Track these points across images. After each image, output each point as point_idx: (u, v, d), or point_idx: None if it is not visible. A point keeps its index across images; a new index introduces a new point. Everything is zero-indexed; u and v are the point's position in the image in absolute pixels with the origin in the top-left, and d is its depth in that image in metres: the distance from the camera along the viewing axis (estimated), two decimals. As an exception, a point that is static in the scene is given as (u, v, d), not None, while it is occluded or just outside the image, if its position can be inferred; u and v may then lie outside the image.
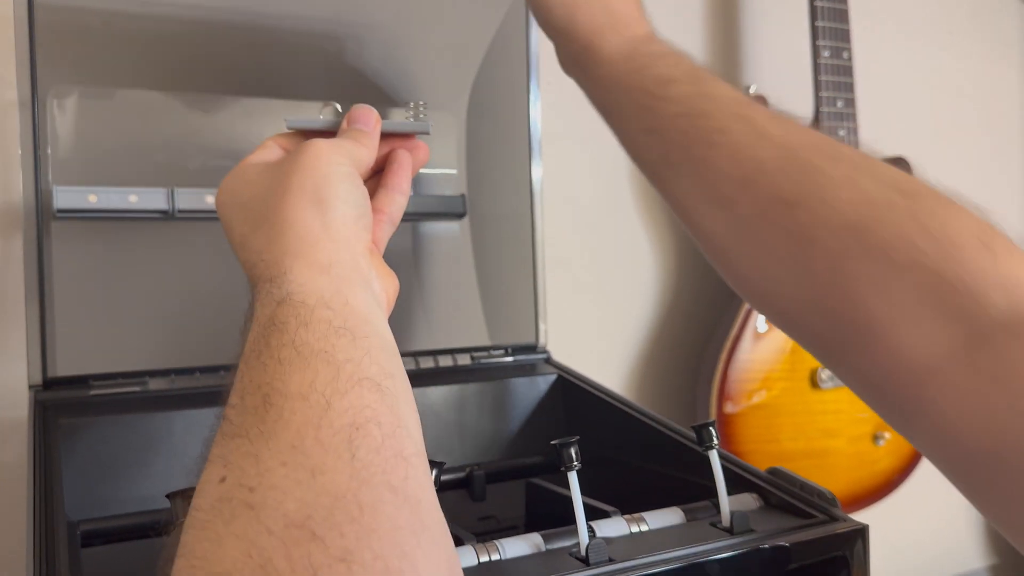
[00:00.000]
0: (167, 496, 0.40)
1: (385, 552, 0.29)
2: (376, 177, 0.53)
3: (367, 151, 0.49)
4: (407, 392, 0.37)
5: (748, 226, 0.48)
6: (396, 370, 0.38)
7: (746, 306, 1.18)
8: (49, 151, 0.69)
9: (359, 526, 0.29)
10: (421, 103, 0.54)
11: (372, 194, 0.51)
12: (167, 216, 0.71)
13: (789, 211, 0.45)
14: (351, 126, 0.50)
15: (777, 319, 0.49)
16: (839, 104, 1.18)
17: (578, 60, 0.59)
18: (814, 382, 1.22)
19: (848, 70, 1.19)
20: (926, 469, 1.33)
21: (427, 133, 0.54)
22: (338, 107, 0.55)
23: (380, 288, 0.45)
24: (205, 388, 0.70)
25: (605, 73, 0.56)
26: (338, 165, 0.45)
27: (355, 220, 0.44)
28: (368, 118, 0.50)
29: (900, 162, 1.28)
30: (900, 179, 0.44)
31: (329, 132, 0.51)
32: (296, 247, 0.41)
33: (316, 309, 0.37)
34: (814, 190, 0.45)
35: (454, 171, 0.82)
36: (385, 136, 0.52)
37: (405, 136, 0.54)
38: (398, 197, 0.51)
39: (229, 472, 0.31)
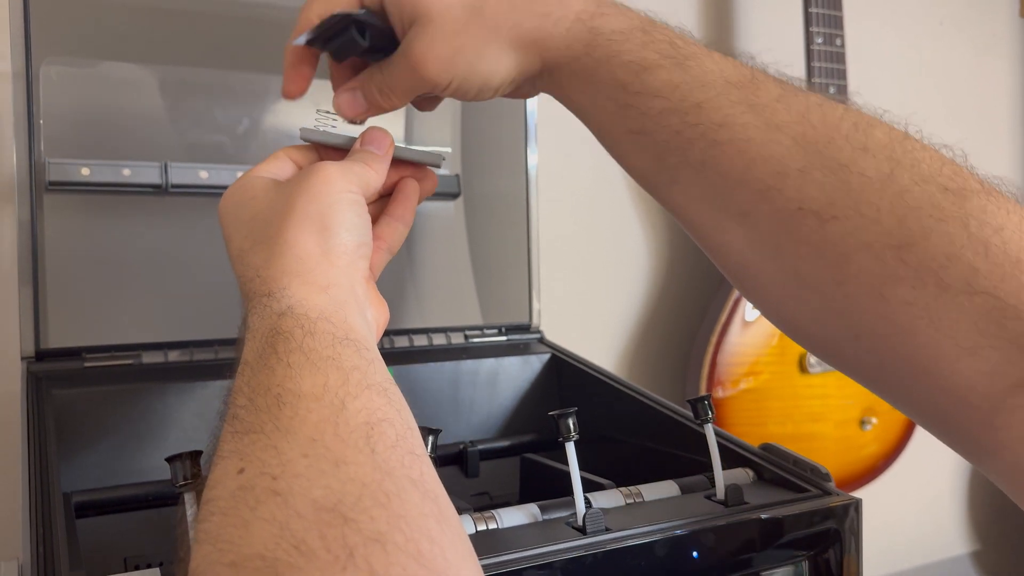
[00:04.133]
0: (167, 460, 0.40)
1: (415, 536, 0.29)
2: (381, 202, 0.52)
3: (376, 175, 0.48)
4: (406, 403, 0.38)
5: (769, 242, 0.41)
6: (394, 384, 0.38)
7: (736, 292, 1.19)
8: (42, 123, 0.68)
9: (388, 512, 0.29)
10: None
11: (375, 220, 0.51)
12: (160, 190, 0.71)
13: (819, 225, 0.39)
14: (364, 147, 0.49)
15: (817, 350, 0.43)
16: (831, 90, 1.19)
17: (533, 73, 0.47)
18: (802, 367, 1.23)
19: (841, 56, 1.19)
20: (911, 456, 1.34)
21: (438, 167, 0.54)
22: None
23: (372, 317, 0.45)
24: (199, 362, 0.69)
25: (569, 72, 0.46)
26: (345, 192, 0.44)
27: (355, 248, 0.44)
28: (382, 142, 0.49)
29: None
30: (944, 172, 0.38)
31: (343, 148, 0.50)
32: (294, 267, 0.41)
33: (318, 322, 0.38)
34: (846, 197, 0.38)
35: (448, 149, 0.82)
36: (396, 162, 0.51)
37: (416, 164, 0.53)
38: (400, 227, 0.51)
39: (248, 464, 0.31)
